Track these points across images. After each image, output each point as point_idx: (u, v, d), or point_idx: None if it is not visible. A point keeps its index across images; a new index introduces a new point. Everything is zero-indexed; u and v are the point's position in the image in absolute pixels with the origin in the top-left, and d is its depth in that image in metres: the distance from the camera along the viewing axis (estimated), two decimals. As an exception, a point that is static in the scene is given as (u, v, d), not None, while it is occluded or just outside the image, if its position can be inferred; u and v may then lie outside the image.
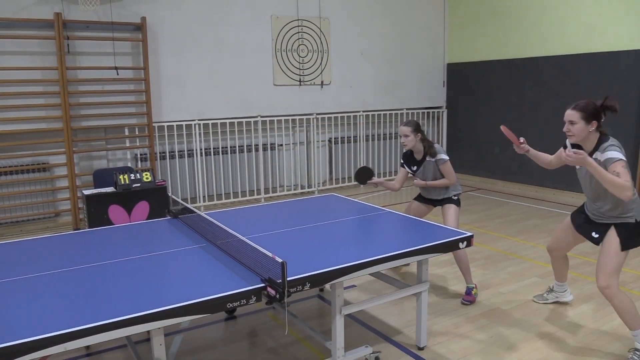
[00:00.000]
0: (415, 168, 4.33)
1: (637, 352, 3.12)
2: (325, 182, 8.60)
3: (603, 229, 3.27)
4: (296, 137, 8.26)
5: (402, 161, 4.45)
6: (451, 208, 4.21)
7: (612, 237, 3.16)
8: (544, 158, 3.61)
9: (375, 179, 4.35)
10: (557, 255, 3.79)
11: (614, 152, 2.99)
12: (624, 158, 2.98)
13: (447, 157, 4.16)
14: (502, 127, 3.67)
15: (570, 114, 3.14)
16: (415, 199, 4.52)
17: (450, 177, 4.17)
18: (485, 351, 3.32)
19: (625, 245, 3.12)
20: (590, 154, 3.10)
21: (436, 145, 4.23)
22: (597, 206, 3.26)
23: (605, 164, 2.99)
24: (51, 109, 6.31)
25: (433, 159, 4.17)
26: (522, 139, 3.59)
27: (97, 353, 3.36)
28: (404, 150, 4.40)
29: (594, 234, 3.36)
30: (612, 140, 3.08)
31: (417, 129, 4.18)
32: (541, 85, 7.98)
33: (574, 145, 3.26)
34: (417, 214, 4.40)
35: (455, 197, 4.26)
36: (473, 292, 4.08)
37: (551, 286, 4.04)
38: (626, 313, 3.09)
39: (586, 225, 3.42)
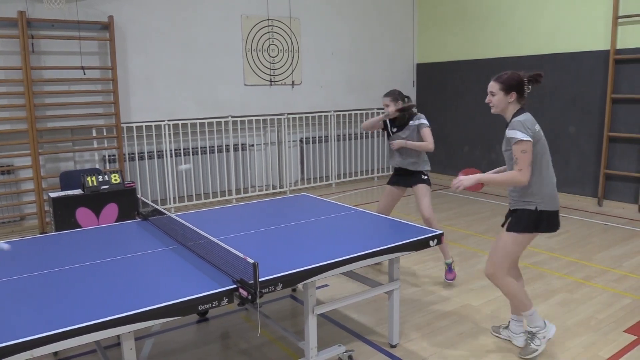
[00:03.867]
0: (395, 130, 4.51)
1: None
2: (297, 182, 8.59)
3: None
4: (267, 137, 8.23)
5: (387, 120, 4.59)
6: (423, 188, 4.45)
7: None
8: None
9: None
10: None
11: (513, 132, 2.90)
12: (524, 138, 2.85)
13: (428, 124, 4.37)
14: None
15: (491, 85, 3.05)
16: (389, 182, 4.68)
17: (430, 141, 4.32)
18: (457, 346, 3.37)
19: (519, 227, 3.04)
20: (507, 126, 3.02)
21: (419, 114, 4.46)
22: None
23: (509, 142, 2.94)
24: (15, 110, 6.15)
25: (415, 123, 4.38)
26: None
27: (65, 359, 3.29)
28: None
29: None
30: (522, 117, 2.94)
31: (396, 98, 4.41)
32: (508, 85, 8.13)
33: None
34: (391, 199, 4.63)
35: (426, 177, 4.48)
36: (453, 267, 4.40)
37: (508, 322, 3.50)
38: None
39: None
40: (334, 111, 8.75)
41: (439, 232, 3.24)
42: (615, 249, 5.26)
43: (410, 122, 4.41)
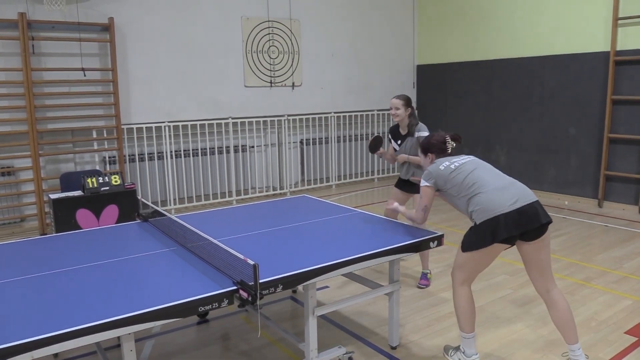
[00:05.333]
0: (399, 142, 4.42)
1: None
2: (297, 183, 8.59)
3: None
4: (268, 139, 8.23)
5: (389, 136, 4.55)
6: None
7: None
8: None
9: (382, 150, 4.50)
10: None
11: (421, 180, 3.15)
12: (421, 184, 3.12)
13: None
14: None
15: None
16: (395, 185, 4.59)
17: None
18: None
19: (463, 246, 3.01)
20: None
21: (421, 124, 4.32)
22: None
23: None
24: (16, 111, 6.15)
25: (415, 136, 4.26)
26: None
27: (65, 360, 3.29)
28: (393, 123, 4.49)
29: None
30: (430, 166, 3.19)
31: (408, 103, 4.30)
32: (508, 86, 8.14)
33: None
34: (397, 200, 4.44)
35: None
36: (428, 277, 4.45)
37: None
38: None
39: None
40: (334, 112, 8.76)
41: (439, 233, 3.24)
42: (615, 251, 5.26)
43: (416, 133, 4.26)
